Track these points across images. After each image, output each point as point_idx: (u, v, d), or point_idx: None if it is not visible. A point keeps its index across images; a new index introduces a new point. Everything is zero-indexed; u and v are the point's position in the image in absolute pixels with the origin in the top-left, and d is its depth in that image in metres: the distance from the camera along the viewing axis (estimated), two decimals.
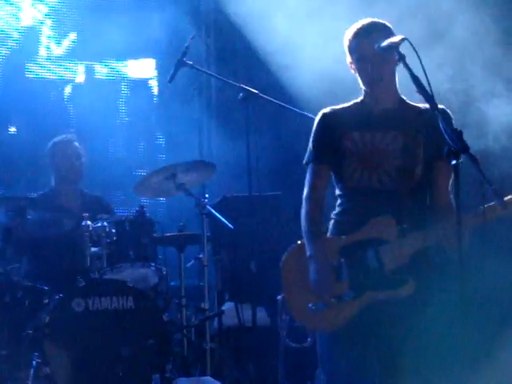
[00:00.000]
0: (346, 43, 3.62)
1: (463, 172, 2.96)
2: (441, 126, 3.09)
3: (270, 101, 5.32)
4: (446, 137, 3.01)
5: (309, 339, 5.14)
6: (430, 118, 3.34)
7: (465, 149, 2.96)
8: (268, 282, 6.33)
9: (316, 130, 3.67)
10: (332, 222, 3.66)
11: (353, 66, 3.61)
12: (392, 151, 3.51)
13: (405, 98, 3.61)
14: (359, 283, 3.43)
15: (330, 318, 3.44)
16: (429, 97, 3.20)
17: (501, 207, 3.24)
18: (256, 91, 5.27)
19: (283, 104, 5.35)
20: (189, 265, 5.98)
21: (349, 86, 3.74)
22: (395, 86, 3.58)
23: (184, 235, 5.89)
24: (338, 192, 3.67)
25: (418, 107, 3.58)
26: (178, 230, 5.91)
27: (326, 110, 3.67)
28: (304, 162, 3.69)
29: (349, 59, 3.62)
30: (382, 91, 3.54)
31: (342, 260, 3.46)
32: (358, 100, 3.66)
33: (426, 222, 3.47)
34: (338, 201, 3.66)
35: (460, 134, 3.02)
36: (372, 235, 3.45)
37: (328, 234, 3.64)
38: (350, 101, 3.68)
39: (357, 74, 3.61)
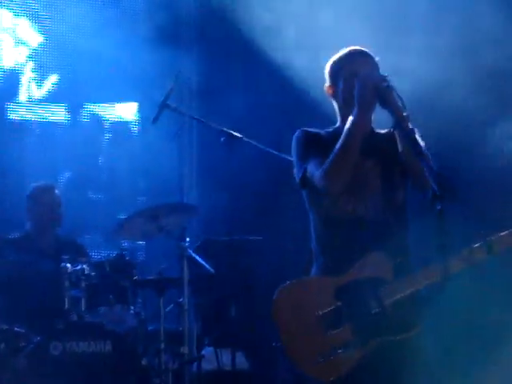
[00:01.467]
0: (330, 65, 3.64)
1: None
2: (425, 169, 3.11)
3: (254, 145, 5.34)
4: (431, 181, 3.02)
5: None
6: (395, 145, 3.39)
7: (449, 194, 2.98)
8: (248, 326, 6.35)
9: (300, 140, 3.59)
10: (317, 258, 3.58)
11: (332, 89, 3.61)
12: (373, 178, 3.51)
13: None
14: (364, 330, 3.35)
15: (336, 366, 3.34)
16: (413, 141, 3.22)
17: (486, 250, 3.26)
18: (239, 135, 5.30)
19: (266, 148, 5.36)
20: (168, 309, 5.93)
21: None
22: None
23: (164, 279, 5.82)
24: (316, 220, 3.59)
25: (384, 133, 3.59)
26: (157, 274, 5.87)
27: (305, 129, 3.64)
28: (298, 177, 3.56)
29: (329, 82, 3.62)
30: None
31: (340, 304, 3.39)
32: (334, 127, 3.66)
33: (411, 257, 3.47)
34: (318, 230, 3.58)
35: (444, 177, 3.04)
36: (368, 274, 3.40)
37: (313, 273, 3.57)
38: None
39: (334, 100, 3.62)
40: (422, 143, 3.26)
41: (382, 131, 3.61)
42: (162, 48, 7.41)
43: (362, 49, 3.64)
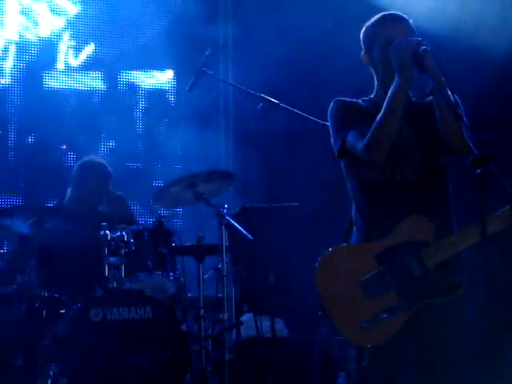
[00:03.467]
0: (364, 32, 3.61)
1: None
2: (465, 134, 3.09)
3: (291, 110, 5.32)
4: (471, 145, 3.00)
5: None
6: (432, 112, 3.39)
7: (490, 157, 2.95)
8: (287, 293, 6.37)
9: (338, 109, 3.59)
10: (357, 223, 3.59)
11: (369, 57, 3.59)
12: (412, 144, 3.51)
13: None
14: (409, 293, 3.37)
15: (380, 331, 3.36)
16: (452, 106, 3.20)
17: None
18: (276, 101, 5.28)
19: (305, 114, 5.33)
20: (207, 275, 5.96)
21: None
22: None
23: (203, 245, 5.86)
24: (355, 187, 3.60)
25: (423, 102, 3.59)
26: (196, 241, 5.90)
27: (342, 98, 3.63)
28: (336, 148, 3.56)
29: (365, 49, 3.60)
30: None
31: (382, 269, 3.39)
32: (370, 96, 3.65)
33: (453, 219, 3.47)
34: (358, 197, 3.59)
35: (485, 142, 3.01)
36: (408, 237, 3.40)
37: (355, 239, 3.59)
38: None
39: (371, 67, 3.60)
40: (461, 107, 3.25)
41: (420, 100, 3.61)
42: (198, 14, 7.41)
43: (396, 13, 3.60)
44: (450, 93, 3.21)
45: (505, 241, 3.55)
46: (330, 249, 3.52)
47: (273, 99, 5.35)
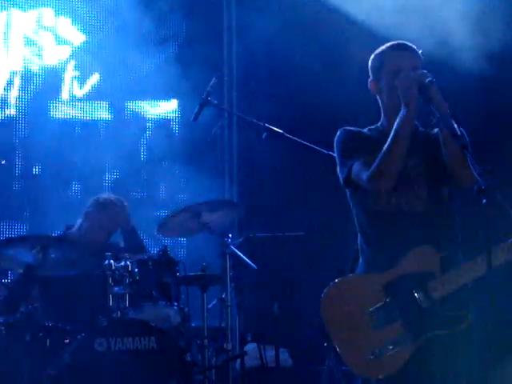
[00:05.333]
0: (372, 60, 3.62)
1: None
2: (470, 163, 3.09)
3: (295, 140, 5.33)
4: (476, 174, 3.00)
5: None
6: (438, 142, 3.40)
7: (495, 187, 2.95)
8: (291, 323, 6.35)
9: (344, 139, 3.60)
10: (363, 253, 3.58)
11: (376, 85, 3.59)
12: (418, 175, 3.51)
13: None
14: (414, 326, 3.35)
15: (387, 363, 3.34)
16: (457, 136, 3.20)
17: None
18: (280, 131, 5.30)
19: (308, 144, 5.35)
20: (211, 305, 5.95)
21: None
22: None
23: (207, 275, 5.86)
24: (360, 216, 3.60)
25: (428, 132, 3.60)
26: (200, 270, 5.89)
27: (348, 128, 3.64)
28: (342, 177, 3.56)
29: (372, 78, 3.61)
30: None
31: (388, 300, 3.39)
32: (377, 125, 3.66)
33: (460, 249, 3.47)
34: (363, 226, 3.59)
35: (490, 172, 3.02)
36: (415, 269, 3.40)
37: (360, 269, 3.58)
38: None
39: (378, 96, 3.61)
40: (466, 138, 3.26)
41: (426, 130, 3.63)
42: (203, 46, 7.45)
43: (405, 43, 3.62)
44: (454, 124, 3.22)
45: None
46: (336, 279, 3.51)
47: (277, 129, 5.36)
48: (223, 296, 5.73)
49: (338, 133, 3.65)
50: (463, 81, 5.97)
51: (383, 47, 3.63)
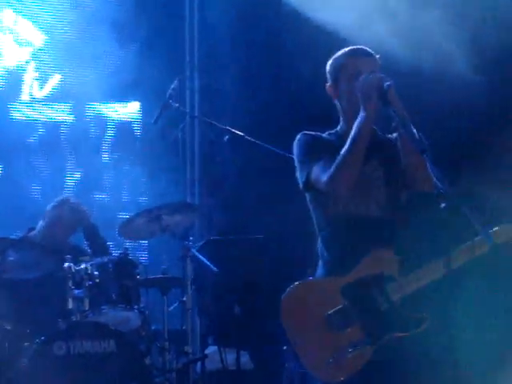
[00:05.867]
0: (331, 64, 3.63)
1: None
2: (429, 167, 3.11)
3: (257, 143, 5.34)
4: (434, 179, 3.02)
5: None
6: (397, 146, 3.42)
7: (454, 191, 2.97)
8: (252, 325, 6.34)
9: (303, 143, 3.60)
10: (322, 256, 3.58)
11: (334, 89, 3.60)
12: (377, 179, 3.53)
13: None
14: (373, 328, 3.35)
15: (346, 366, 3.34)
16: (416, 140, 3.22)
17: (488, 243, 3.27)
18: (241, 134, 5.30)
19: (269, 147, 5.35)
20: (172, 308, 5.93)
21: None
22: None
23: (167, 278, 5.85)
24: (320, 220, 3.60)
25: (387, 137, 3.62)
26: (161, 273, 5.87)
27: (308, 132, 3.64)
28: (302, 181, 3.56)
29: (331, 82, 3.61)
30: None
31: (347, 303, 3.39)
32: (336, 129, 3.67)
33: (419, 252, 3.49)
34: (323, 230, 3.59)
35: (446, 175, 3.04)
36: (373, 271, 3.41)
37: (320, 273, 3.58)
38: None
39: (336, 100, 3.61)
40: (424, 142, 3.28)
41: (385, 135, 3.65)
42: (165, 48, 7.42)
43: (364, 48, 3.63)
44: (413, 128, 3.24)
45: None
46: (296, 283, 3.51)
47: (238, 132, 5.36)
48: (184, 299, 5.71)
49: (298, 137, 3.66)
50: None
51: (341, 52, 3.64)
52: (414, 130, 3.24)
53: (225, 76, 7.50)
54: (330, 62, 3.67)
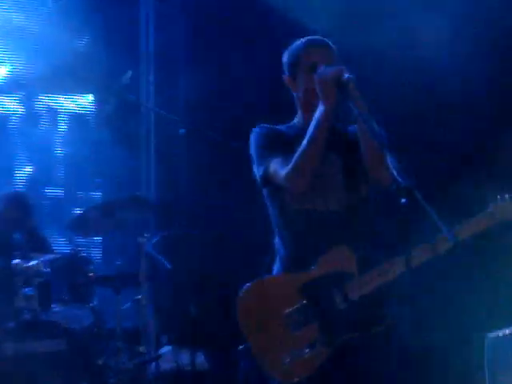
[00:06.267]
0: (287, 56, 3.58)
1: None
2: (389, 161, 3.04)
3: (214, 137, 5.29)
4: (395, 173, 2.95)
5: None
6: (357, 140, 3.37)
7: (414, 186, 2.91)
8: (208, 325, 6.28)
9: (260, 136, 3.55)
10: (279, 253, 3.54)
11: (292, 81, 3.55)
12: (335, 173, 3.48)
13: None
14: (331, 328, 3.32)
15: (303, 366, 3.31)
16: (376, 134, 3.16)
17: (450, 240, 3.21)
18: (198, 127, 5.24)
19: (227, 141, 5.30)
20: (126, 306, 5.83)
21: None
22: None
23: (121, 275, 5.75)
24: (277, 216, 3.56)
25: (347, 131, 3.58)
26: (114, 270, 5.78)
27: (265, 125, 3.59)
28: (259, 176, 3.51)
29: (288, 74, 3.56)
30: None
31: (305, 302, 3.34)
32: (294, 122, 3.63)
33: (379, 249, 3.46)
34: (280, 226, 3.55)
35: (409, 169, 2.99)
36: (331, 269, 3.36)
37: (277, 271, 3.53)
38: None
39: (294, 92, 3.57)
40: (384, 136, 3.22)
41: (342, 127, 3.60)
42: (119, 39, 7.31)
43: (321, 38, 3.58)
44: (373, 122, 3.18)
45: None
46: (253, 281, 3.46)
47: (195, 125, 5.29)
48: (138, 297, 5.63)
49: (255, 130, 3.60)
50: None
51: (298, 42, 3.59)
52: (375, 124, 3.18)
53: (182, 68, 7.41)
54: (286, 53, 3.62)
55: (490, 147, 6.17)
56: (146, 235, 5.71)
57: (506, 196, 3.49)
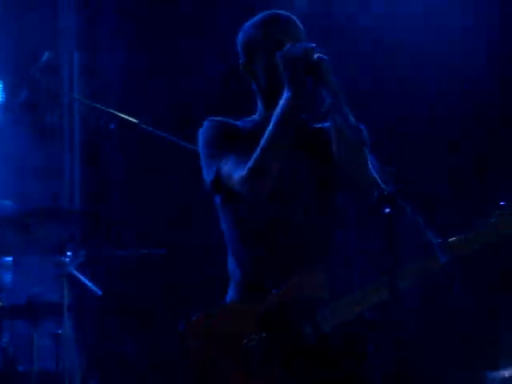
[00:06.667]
0: (243, 36, 3.60)
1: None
2: (370, 166, 3.07)
3: (154, 133, 5.30)
4: (377, 177, 2.98)
5: None
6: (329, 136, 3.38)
7: (401, 193, 2.94)
8: (146, 363, 6.29)
9: (211, 132, 3.55)
10: (234, 276, 3.55)
11: (250, 67, 3.57)
12: (303, 177, 3.52)
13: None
14: (300, 366, 3.33)
15: None
16: (353, 128, 3.18)
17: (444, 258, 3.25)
18: (135, 120, 5.25)
19: (171, 137, 5.31)
20: (44, 343, 5.81)
21: None
22: None
23: (37, 304, 5.71)
24: (232, 230, 3.57)
25: (318, 125, 3.62)
26: (29, 298, 5.75)
27: (217, 119, 3.60)
28: (209, 180, 3.51)
29: (244, 58, 3.58)
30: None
31: (266, 335, 3.35)
32: (253, 116, 3.66)
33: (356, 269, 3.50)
34: (235, 242, 3.56)
35: (394, 174, 3.02)
36: (299, 295, 3.37)
37: (232, 297, 3.55)
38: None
39: (253, 80, 3.59)
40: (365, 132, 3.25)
41: (313, 121, 3.63)
42: (34, 15, 7.32)
43: (282, 12, 3.60)
44: (350, 115, 3.19)
45: None
46: (202, 311, 3.46)
47: (130, 118, 5.30)
48: (59, 331, 5.62)
49: (204, 124, 3.60)
50: None
51: (254, 19, 3.60)
52: (352, 117, 3.20)
53: (111, 49, 7.43)
54: (240, 35, 3.64)
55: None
56: (68, 254, 5.70)
57: None
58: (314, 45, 3.32)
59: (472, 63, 6.39)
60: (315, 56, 3.25)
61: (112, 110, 5.49)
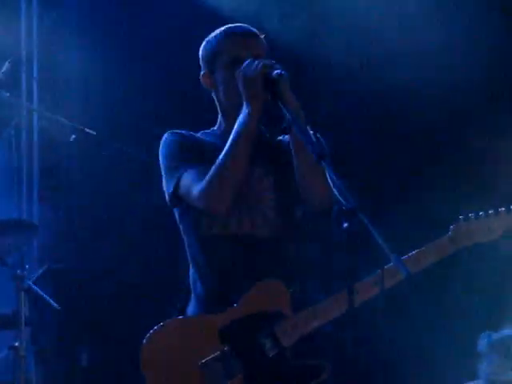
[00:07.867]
0: (204, 48, 3.63)
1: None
2: (328, 178, 3.10)
3: (114, 145, 5.31)
4: (336, 192, 3.01)
5: None
6: (289, 151, 3.41)
7: (360, 208, 2.97)
8: (103, 379, 6.27)
9: (171, 144, 3.57)
10: (195, 289, 3.56)
11: (210, 79, 3.60)
12: (263, 191, 3.54)
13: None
14: (260, 380, 3.34)
15: None
16: (313, 143, 3.20)
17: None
18: (94, 132, 5.25)
19: (132, 151, 5.32)
20: (1, 356, 5.79)
21: None
22: None
23: None
24: (192, 244, 3.58)
25: (277, 140, 3.65)
26: None
27: (177, 131, 3.62)
28: (168, 193, 3.53)
29: (205, 70, 3.61)
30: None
31: (227, 348, 3.36)
32: (213, 128, 3.68)
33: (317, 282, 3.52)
34: (195, 257, 3.57)
35: (351, 188, 3.04)
36: (259, 308, 3.39)
37: (192, 310, 3.55)
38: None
39: (213, 93, 3.62)
40: (324, 146, 3.29)
41: (272, 135, 3.67)
42: None
43: (245, 26, 3.64)
44: (309, 129, 3.24)
45: None
46: (161, 323, 3.46)
47: (89, 130, 5.30)
48: (16, 344, 5.56)
49: (164, 137, 3.63)
50: None
51: (217, 32, 3.63)
52: (311, 131, 3.24)
53: (72, 60, 7.39)
54: (202, 46, 3.67)
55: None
56: (26, 267, 5.69)
57: (471, 215, 3.58)
58: (274, 61, 3.37)
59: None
60: (274, 72, 3.30)
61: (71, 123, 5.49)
